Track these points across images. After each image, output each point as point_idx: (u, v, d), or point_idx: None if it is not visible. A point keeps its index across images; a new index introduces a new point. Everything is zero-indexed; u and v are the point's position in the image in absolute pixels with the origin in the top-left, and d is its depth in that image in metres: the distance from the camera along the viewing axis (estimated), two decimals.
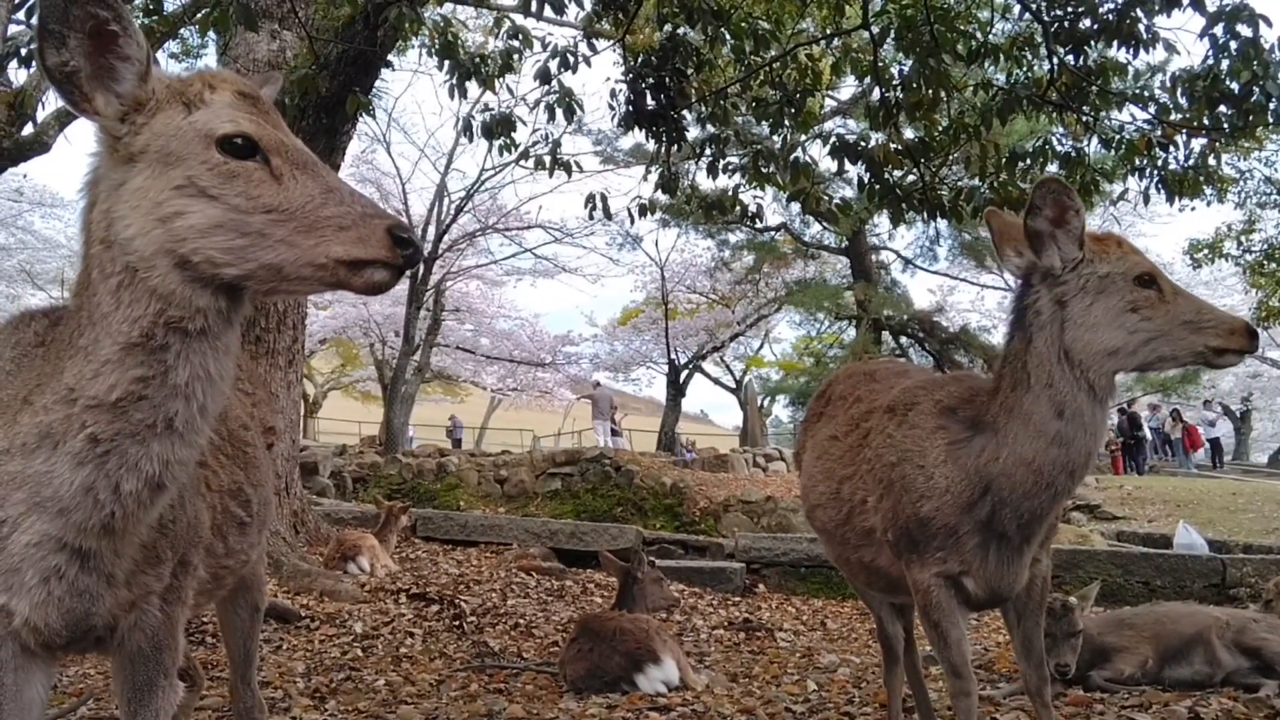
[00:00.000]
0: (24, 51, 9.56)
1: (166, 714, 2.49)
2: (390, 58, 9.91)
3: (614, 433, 33.19)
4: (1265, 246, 25.74)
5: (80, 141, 16.71)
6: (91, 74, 2.09)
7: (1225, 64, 7.43)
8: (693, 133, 9.29)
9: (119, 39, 2.08)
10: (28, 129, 11.87)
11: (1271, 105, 7.36)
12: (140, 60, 2.11)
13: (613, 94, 8.70)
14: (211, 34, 8.14)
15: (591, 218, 9.05)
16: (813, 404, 4.48)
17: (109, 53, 2.09)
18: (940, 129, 8.67)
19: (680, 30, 8.33)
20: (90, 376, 2.06)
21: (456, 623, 8.19)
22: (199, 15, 7.83)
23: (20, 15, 11.53)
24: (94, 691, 5.49)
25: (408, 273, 2.15)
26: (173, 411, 2.07)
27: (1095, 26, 7.75)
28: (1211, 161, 8.45)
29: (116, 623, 2.35)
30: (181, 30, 12.24)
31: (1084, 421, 3.13)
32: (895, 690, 4.56)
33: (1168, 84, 8.15)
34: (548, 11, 7.44)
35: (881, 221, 33.27)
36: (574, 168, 8.85)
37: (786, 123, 8.85)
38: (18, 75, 11.82)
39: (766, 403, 49.02)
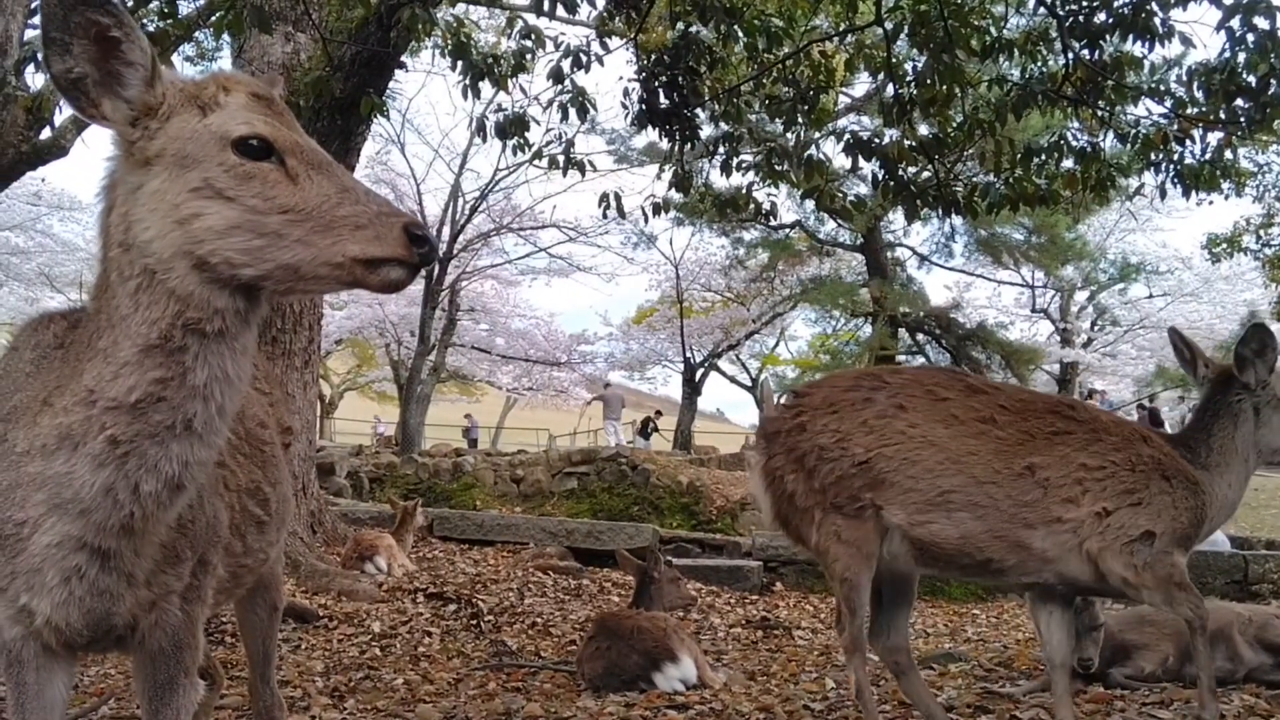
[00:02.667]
0: (40, 55, 9.59)
1: (187, 712, 2.50)
2: (404, 59, 9.92)
3: (644, 434, 33.10)
4: None
5: (98, 145, 16.80)
6: (98, 80, 2.09)
7: (1242, 57, 7.39)
8: (706, 131, 9.27)
9: (121, 45, 2.09)
10: (45, 133, 11.90)
11: None
12: (145, 65, 2.11)
13: (626, 93, 8.69)
14: (226, 37, 8.16)
15: (605, 217, 9.03)
16: (871, 393, 4.45)
17: (113, 58, 2.09)
18: (955, 125, 8.63)
19: (693, 28, 8.31)
20: (109, 378, 2.07)
21: (474, 622, 8.22)
22: (213, 18, 7.85)
23: (36, 20, 11.59)
24: (115, 691, 5.53)
25: (423, 271, 2.15)
26: (191, 412, 2.08)
27: (1110, 20, 7.71)
28: (1229, 155, 8.41)
29: (137, 622, 2.35)
30: (196, 33, 12.26)
31: (1243, 490, 4.51)
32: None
33: (1184, 78, 8.11)
34: (560, 11, 7.44)
35: (896, 218, 33.18)
36: (588, 167, 8.84)
37: (800, 120, 8.84)
38: (35, 80, 11.86)
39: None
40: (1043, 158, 8.63)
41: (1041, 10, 8.74)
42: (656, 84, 8.51)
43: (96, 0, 2.05)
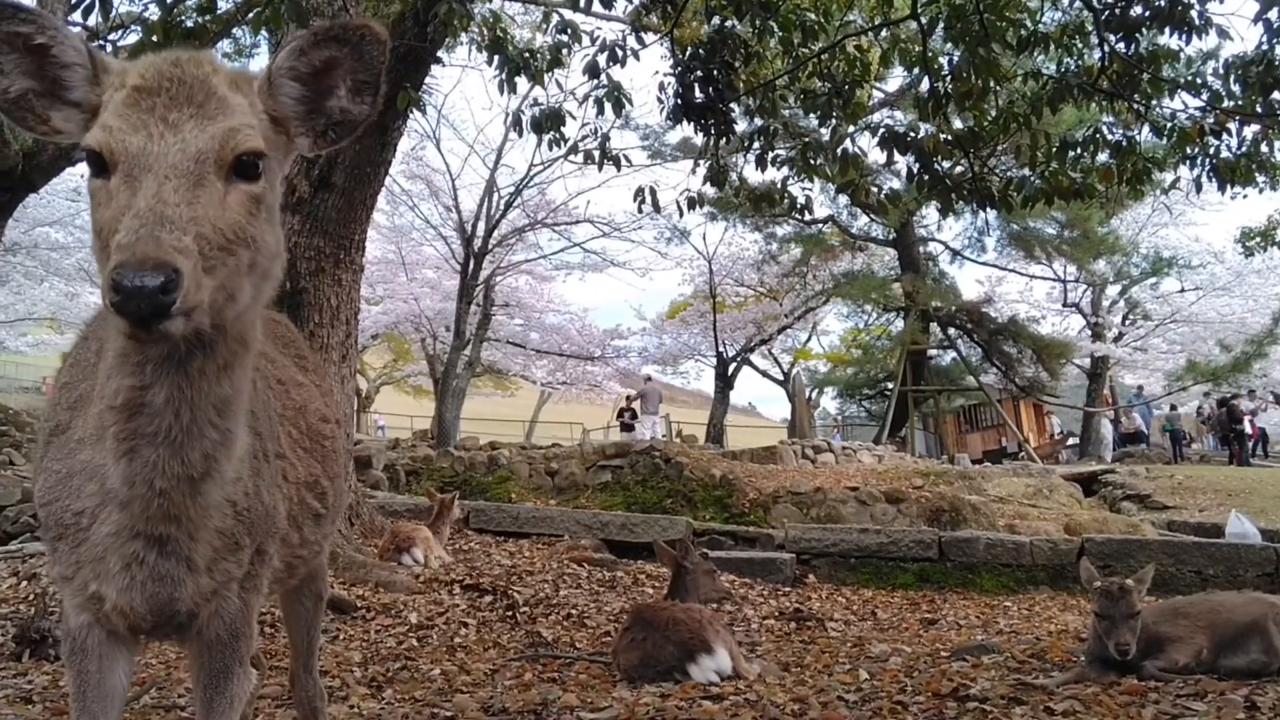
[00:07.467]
0: None
1: (240, 700, 2.53)
2: (440, 54, 9.98)
3: (627, 428, 32.93)
4: None
5: None
6: (41, 91, 2.02)
7: (1279, 49, 7.35)
8: (741, 125, 9.29)
9: (51, 50, 1.99)
10: None
11: None
12: (83, 64, 2.01)
13: (661, 87, 8.72)
14: (264, 33, 8.23)
15: (641, 211, 9.06)
16: None
17: (49, 64, 2.00)
18: (990, 118, 8.61)
19: (728, 23, 8.34)
20: (105, 378, 2.08)
21: (510, 613, 8.27)
22: (251, 14, 7.93)
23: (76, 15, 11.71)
24: (156, 680, 5.61)
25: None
26: (165, 425, 2.04)
27: (1147, 13, 7.68)
28: (1264, 149, 8.36)
29: (198, 610, 2.37)
30: (234, 29, 12.37)
31: None
32: None
33: (1220, 70, 8.07)
34: (596, 6, 7.48)
35: (929, 213, 33.22)
36: (623, 161, 8.88)
37: (835, 114, 8.83)
38: None
39: (814, 395, 48.90)
40: (1078, 151, 8.59)
41: (1077, 3, 8.71)
42: (692, 79, 8.53)
43: (9, 12, 1.96)
